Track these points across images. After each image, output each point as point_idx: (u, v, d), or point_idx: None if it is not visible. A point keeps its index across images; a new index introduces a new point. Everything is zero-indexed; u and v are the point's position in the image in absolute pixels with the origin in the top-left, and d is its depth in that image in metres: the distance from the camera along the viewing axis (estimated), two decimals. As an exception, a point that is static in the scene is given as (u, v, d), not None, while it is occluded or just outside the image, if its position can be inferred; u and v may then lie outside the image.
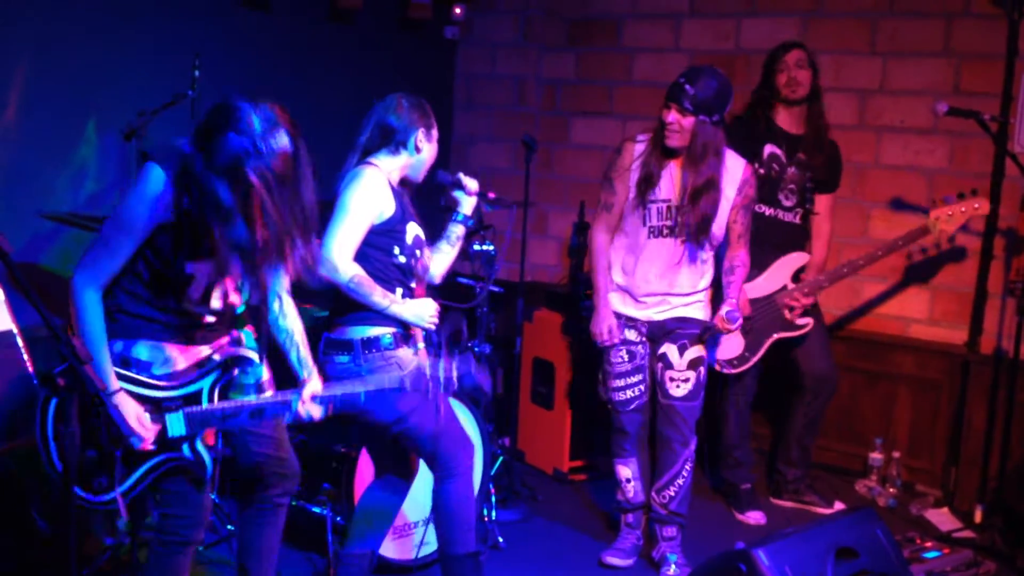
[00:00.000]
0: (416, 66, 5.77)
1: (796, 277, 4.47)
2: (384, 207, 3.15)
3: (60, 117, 4.11)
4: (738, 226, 3.85)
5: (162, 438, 2.59)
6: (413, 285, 3.27)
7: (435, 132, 3.30)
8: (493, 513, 4.21)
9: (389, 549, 3.69)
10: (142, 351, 2.62)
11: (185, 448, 2.63)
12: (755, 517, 4.53)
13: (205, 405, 2.64)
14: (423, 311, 3.22)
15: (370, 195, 3.12)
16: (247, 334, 2.90)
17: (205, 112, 2.49)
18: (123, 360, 2.61)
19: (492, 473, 4.23)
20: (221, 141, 2.34)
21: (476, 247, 4.45)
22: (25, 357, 3.62)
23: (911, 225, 4.58)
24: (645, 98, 5.60)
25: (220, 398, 2.67)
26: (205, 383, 2.66)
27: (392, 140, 3.20)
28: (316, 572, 3.76)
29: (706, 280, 3.89)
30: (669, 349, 3.86)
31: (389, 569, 3.69)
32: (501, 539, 4.10)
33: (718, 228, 3.79)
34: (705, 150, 3.68)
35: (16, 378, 3.50)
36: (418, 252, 3.27)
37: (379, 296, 3.12)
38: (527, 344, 4.96)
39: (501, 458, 4.51)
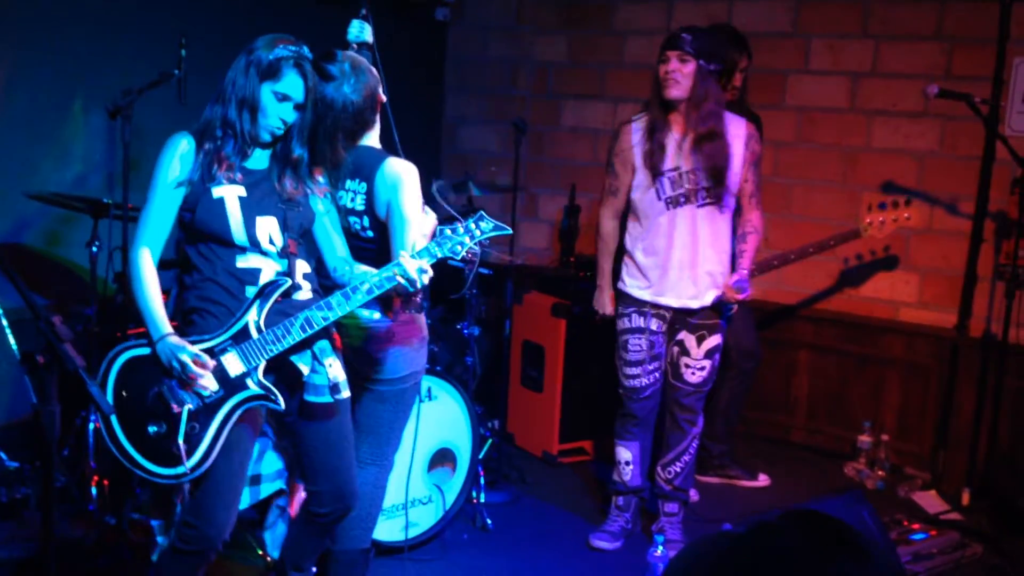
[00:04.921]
0: (407, 48, 5.74)
1: None
2: None
3: (46, 96, 4.08)
4: (749, 185, 3.79)
5: (226, 381, 2.65)
6: None
7: None
8: (482, 495, 4.21)
9: (379, 531, 3.68)
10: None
11: (251, 383, 2.68)
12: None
13: (255, 336, 2.67)
14: (427, 221, 3.12)
15: (420, 193, 3.04)
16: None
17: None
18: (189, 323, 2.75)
19: (481, 456, 4.22)
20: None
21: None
22: (11, 338, 3.61)
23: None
24: (637, 81, 5.57)
25: (267, 325, 2.69)
26: (248, 315, 2.68)
27: (375, 113, 3.13)
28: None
29: (725, 243, 3.82)
30: (687, 338, 3.85)
31: (379, 550, 3.69)
32: (489, 521, 4.10)
33: (732, 183, 3.74)
34: (706, 96, 3.65)
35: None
36: None
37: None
38: (517, 327, 4.96)
39: (490, 440, 4.51)
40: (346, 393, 2.88)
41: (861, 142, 5.08)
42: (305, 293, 2.80)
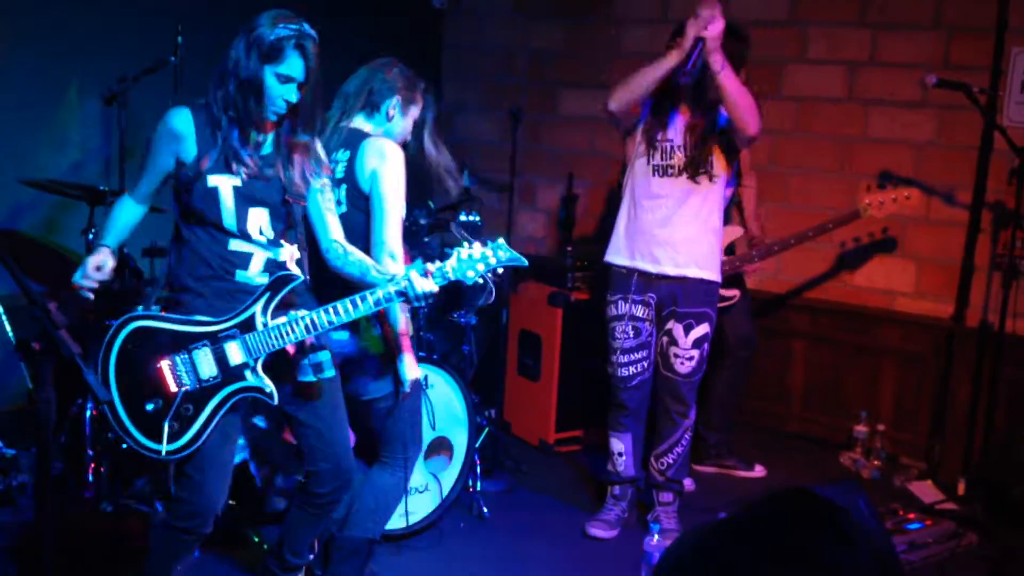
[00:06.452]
0: (403, 35, 5.71)
1: (729, 250, 4.51)
2: None
3: (41, 82, 4.06)
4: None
5: (225, 368, 2.67)
6: None
7: (414, 110, 3.24)
8: (478, 484, 4.21)
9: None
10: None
11: (248, 375, 2.68)
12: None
13: (259, 328, 2.67)
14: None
15: (403, 173, 3.06)
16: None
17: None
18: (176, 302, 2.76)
19: (477, 444, 4.22)
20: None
21: (462, 217, 4.42)
22: (6, 325, 3.60)
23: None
24: (635, 70, 5.55)
25: (273, 318, 2.68)
26: (256, 306, 2.68)
27: (368, 102, 3.17)
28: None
29: (712, 221, 3.83)
30: (675, 327, 3.85)
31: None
32: (486, 509, 4.10)
33: (718, 168, 3.76)
34: (711, 86, 3.67)
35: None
36: None
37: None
38: (514, 316, 4.95)
39: (487, 429, 4.51)
40: (330, 372, 2.88)
41: (858, 132, 5.07)
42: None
